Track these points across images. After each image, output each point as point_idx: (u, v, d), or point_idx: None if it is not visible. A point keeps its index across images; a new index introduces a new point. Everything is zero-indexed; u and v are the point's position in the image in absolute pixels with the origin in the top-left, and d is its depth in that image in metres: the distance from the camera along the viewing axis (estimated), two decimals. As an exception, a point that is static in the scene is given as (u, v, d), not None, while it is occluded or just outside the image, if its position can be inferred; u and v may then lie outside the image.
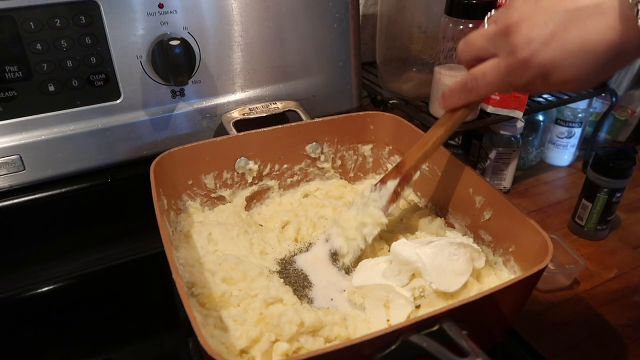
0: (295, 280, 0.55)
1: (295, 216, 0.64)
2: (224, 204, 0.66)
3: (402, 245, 0.50)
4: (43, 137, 0.62)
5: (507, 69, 0.41)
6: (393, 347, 0.38)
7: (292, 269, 0.57)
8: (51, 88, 0.61)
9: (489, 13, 0.45)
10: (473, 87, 0.45)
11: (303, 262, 0.58)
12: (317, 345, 0.45)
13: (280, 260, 0.58)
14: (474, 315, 0.41)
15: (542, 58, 0.38)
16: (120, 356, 0.57)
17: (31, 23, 0.57)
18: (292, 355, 0.44)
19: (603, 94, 0.94)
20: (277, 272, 0.56)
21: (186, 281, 0.52)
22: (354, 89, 0.81)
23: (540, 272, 0.43)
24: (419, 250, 0.48)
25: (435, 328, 0.38)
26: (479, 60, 0.44)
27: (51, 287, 0.65)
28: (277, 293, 0.50)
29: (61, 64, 0.60)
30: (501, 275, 0.53)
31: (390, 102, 0.90)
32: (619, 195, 0.72)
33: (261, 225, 0.65)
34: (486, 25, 0.43)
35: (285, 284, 0.54)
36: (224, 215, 0.63)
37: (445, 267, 0.48)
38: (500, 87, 0.43)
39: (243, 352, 0.46)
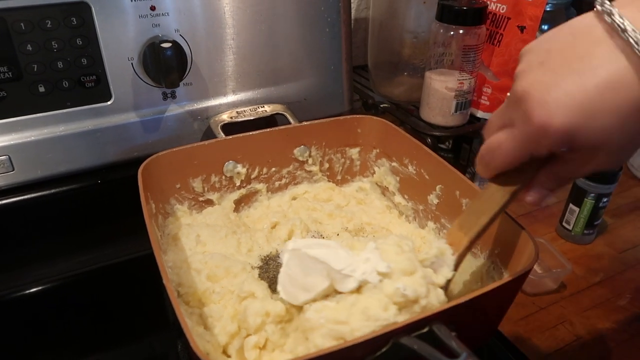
0: (274, 274, 0.54)
1: (285, 217, 0.64)
2: (212, 207, 0.66)
3: (293, 243, 0.47)
4: (33, 137, 0.62)
5: (525, 137, 0.36)
6: (384, 349, 0.38)
7: (274, 264, 0.56)
8: (41, 89, 0.61)
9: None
10: (490, 160, 0.40)
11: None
12: (284, 336, 0.45)
13: (265, 257, 0.58)
14: (463, 317, 0.41)
15: (561, 119, 0.32)
16: (109, 358, 0.57)
17: (22, 24, 0.57)
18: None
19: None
20: (258, 267, 0.56)
21: (174, 283, 0.52)
22: (345, 92, 0.81)
23: (526, 274, 0.43)
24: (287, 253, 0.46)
25: (426, 330, 0.39)
26: None
27: (40, 288, 0.65)
28: (249, 287, 0.50)
29: (52, 65, 0.60)
30: (487, 278, 0.53)
31: (382, 105, 0.90)
32: (605, 200, 0.73)
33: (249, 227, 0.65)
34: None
35: (262, 279, 0.53)
36: (212, 217, 0.63)
37: (297, 277, 0.45)
38: (519, 157, 0.38)
39: (225, 348, 0.46)
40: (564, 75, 0.32)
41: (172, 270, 0.53)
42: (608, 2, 0.32)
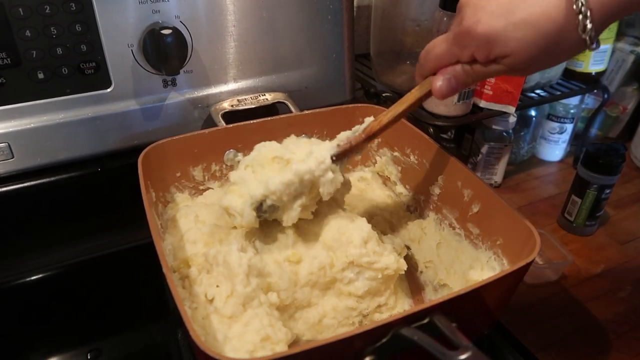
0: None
1: None
2: (213, 190, 0.66)
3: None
4: (32, 125, 0.61)
5: (454, 39, 0.42)
6: (384, 339, 0.38)
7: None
8: (40, 75, 0.60)
9: None
10: (424, 61, 0.46)
11: None
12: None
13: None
14: (463, 308, 0.41)
15: (486, 26, 0.39)
16: (108, 346, 0.57)
17: (20, 9, 0.56)
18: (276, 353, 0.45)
19: (595, 90, 0.95)
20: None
21: (171, 264, 0.52)
22: (347, 81, 0.81)
23: (528, 265, 0.43)
24: None
25: (426, 321, 0.39)
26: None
27: (39, 276, 0.65)
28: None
29: (51, 52, 0.59)
30: (489, 268, 0.53)
31: (384, 95, 0.90)
32: (608, 191, 0.73)
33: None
34: None
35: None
36: (212, 198, 0.63)
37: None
38: (447, 58, 0.44)
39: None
40: None
41: (170, 254, 0.53)
42: None
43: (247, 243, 0.52)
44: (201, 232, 0.55)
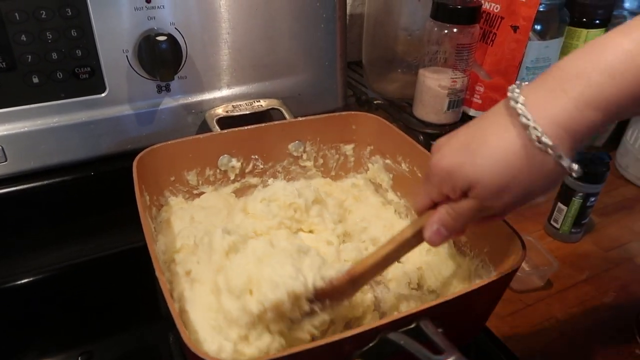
0: None
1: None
2: (209, 193, 0.67)
3: None
4: (26, 128, 0.62)
5: (425, 177, 0.43)
6: (371, 344, 0.39)
7: None
8: (35, 80, 0.60)
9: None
10: (415, 199, 0.46)
11: None
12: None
13: None
14: (450, 314, 0.42)
15: (447, 159, 0.40)
16: (100, 349, 0.57)
17: (16, 14, 0.57)
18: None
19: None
20: None
21: (162, 259, 0.54)
22: (339, 88, 0.82)
23: (513, 273, 0.44)
24: None
25: (413, 326, 0.40)
26: None
27: (31, 278, 0.65)
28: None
29: (46, 56, 0.60)
30: (476, 275, 0.54)
31: (375, 102, 0.91)
32: (593, 199, 0.74)
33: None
34: None
35: None
36: (209, 202, 0.64)
37: None
38: (425, 197, 0.44)
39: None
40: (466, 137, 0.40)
41: (162, 254, 0.54)
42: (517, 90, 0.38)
43: None
44: (197, 230, 0.56)
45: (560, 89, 0.36)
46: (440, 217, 0.43)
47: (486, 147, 0.38)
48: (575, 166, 0.37)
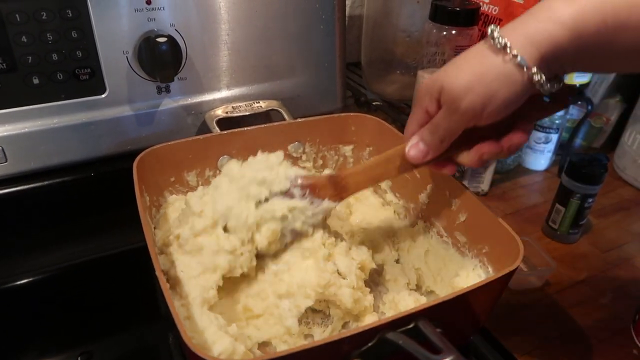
0: None
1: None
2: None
3: None
4: (26, 129, 0.62)
5: (419, 98, 0.47)
6: (370, 343, 0.39)
7: None
8: (36, 81, 0.61)
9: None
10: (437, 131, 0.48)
11: None
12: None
13: None
14: (448, 314, 0.43)
15: (434, 78, 0.44)
16: (99, 349, 0.58)
17: (17, 15, 0.57)
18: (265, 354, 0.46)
19: (579, 102, 0.97)
20: None
21: (158, 246, 0.54)
22: (338, 89, 0.82)
23: (511, 273, 0.44)
24: None
25: (411, 326, 0.40)
26: None
27: (32, 279, 0.65)
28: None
29: (46, 57, 0.60)
30: (474, 275, 0.55)
31: (374, 103, 0.91)
32: (591, 200, 0.75)
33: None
34: None
35: None
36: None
37: None
38: (414, 118, 0.48)
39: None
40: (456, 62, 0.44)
41: (158, 243, 0.55)
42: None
43: None
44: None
45: (528, 14, 0.41)
46: (420, 132, 0.47)
47: (457, 60, 0.43)
48: (534, 68, 0.40)
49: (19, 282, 0.65)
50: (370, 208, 0.70)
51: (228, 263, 0.51)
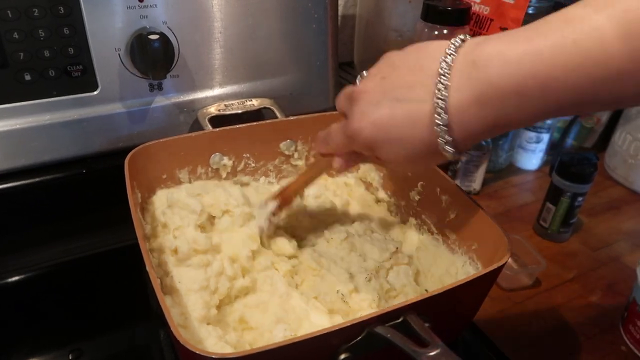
0: None
1: None
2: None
3: None
4: (18, 126, 0.62)
5: (346, 134, 0.44)
6: (359, 338, 0.39)
7: None
8: (27, 77, 0.61)
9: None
10: (329, 141, 0.49)
11: None
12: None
13: None
14: (437, 309, 0.43)
15: (368, 134, 0.41)
16: (90, 346, 0.57)
17: (8, 11, 0.57)
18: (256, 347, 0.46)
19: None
20: None
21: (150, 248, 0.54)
22: (330, 88, 0.82)
23: (499, 269, 0.45)
24: None
25: (400, 320, 0.40)
26: None
27: (22, 276, 0.65)
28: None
29: (38, 54, 0.60)
30: (464, 272, 0.55)
31: (366, 102, 0.92)
32: (581, 199, 0.75)
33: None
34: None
35: None
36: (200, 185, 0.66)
37: None
38: (345, 147, 0.46)
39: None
40: (388, 100, 0.39)
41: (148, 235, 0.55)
42: (459, 41, 0.37)
43: None
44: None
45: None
46: (348, 155, 0.49)
47: (402, 138, 0.39)
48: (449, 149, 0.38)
49: (9, 280, 0.65)
50: (362, 205, 0.70)
51: (227, 289, 0.52)
